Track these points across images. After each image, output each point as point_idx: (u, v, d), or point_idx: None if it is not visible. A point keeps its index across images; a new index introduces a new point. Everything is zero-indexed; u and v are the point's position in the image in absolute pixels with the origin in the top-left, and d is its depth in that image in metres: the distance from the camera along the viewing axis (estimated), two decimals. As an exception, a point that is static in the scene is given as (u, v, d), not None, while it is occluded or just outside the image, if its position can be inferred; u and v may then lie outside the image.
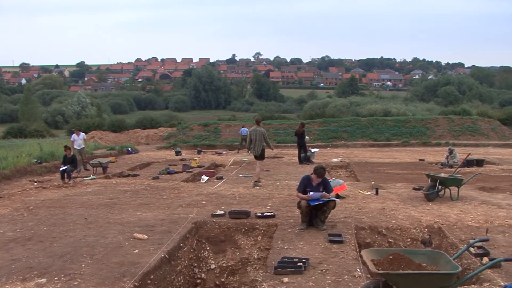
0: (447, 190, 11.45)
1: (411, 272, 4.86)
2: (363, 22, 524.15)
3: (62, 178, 15.18)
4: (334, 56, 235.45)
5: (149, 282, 6.54)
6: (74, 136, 19.01)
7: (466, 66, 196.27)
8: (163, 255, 7.29)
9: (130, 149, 27.24)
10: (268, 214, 9.62)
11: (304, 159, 20.17)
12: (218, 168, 20.10)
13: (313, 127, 34.32)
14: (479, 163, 18.91)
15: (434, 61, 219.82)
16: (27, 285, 6.15)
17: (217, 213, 9.77)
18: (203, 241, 8.89)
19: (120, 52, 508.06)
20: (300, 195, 8.78)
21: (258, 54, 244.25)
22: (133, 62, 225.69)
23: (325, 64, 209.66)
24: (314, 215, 8.79)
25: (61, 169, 15.48)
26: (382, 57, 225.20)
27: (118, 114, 78.47)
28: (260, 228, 9.02)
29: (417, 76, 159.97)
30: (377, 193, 12.26)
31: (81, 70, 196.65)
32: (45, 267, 6.75)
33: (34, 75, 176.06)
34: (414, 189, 12.87)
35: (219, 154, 26.83)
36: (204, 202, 11.38)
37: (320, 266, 6.77)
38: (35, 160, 18.56)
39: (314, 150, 21.89)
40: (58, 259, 7.10)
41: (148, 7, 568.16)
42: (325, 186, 8.77)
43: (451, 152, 19.16)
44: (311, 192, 8.60)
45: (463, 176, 12.80)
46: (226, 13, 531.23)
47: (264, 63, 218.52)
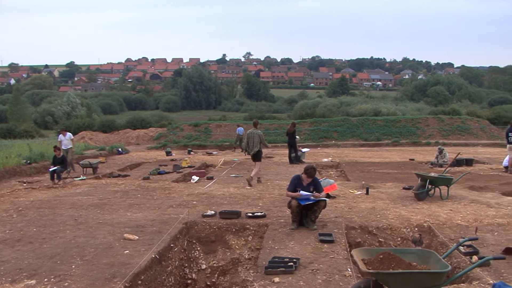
0: (437, 189, 11.50)
1: (401, 271, 4.87)
2: (353, 22, 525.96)
3: (52, 178, 15.11)
4: (325, 56, 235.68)
5: (139, 282, 6.51)
6: (61, 136, 18.92)
7: (455, 66, 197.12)
8: (153, 256, 7.27)
9: (120, 149, 27.14)
10: (259, 214, 9.61)
11: (295, 159, 20.22)
12: (209, 168, 20.09)
13: (303, 127, 34.41)
14: (469, 162, 19.05)
15: (424, 61, 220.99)
16: (16, 286, 6.09)
17: (207, 213, 9.75)
18: (194, 241, 8.87)
19: (110, 52, 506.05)
20: (290, 193, 8.80)
21: (249, 54, 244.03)
22: (123, 62, 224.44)
23: (315, 64, 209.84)
24: (305, 214, 8.80)
25: (50, 169, 15.42)
26: (372, 57, 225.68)
27: (108, 115, 78.11)
28: (251, 228, 9.01)
29: (407, 76, 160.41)
30: (367, 192, 12.29)
31: (71, 70, 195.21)
32: (34, 269, 6.69)
33: (23, 75, 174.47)
34: (404, 188, 12.91)
35: (210, 154, 26.82)
36: (194, 202, 11.36)
37: (311, 265, 6.77)
38: (25, 161, 18.45)
39: (304, 150, 21.96)
40: (48, 260, 7.05)
41: (138, 7, 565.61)
42: (315, 186, 8.79)
43: (441, 151, 19.29)
44: (301, 191, 8.61)
45: (453, 175, 12.87)
46: (217, 13, 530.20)
47: (255, 63, 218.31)
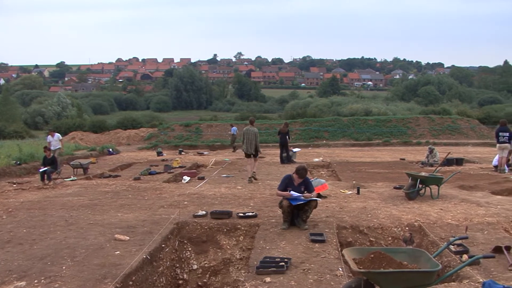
0: (428, 188, 11.56)
1: (392, 270, 4.89)
2: (344, 22, 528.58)
3: (42, 179, 15.02)
4: (315, 56, 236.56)
5: (130, 283, 6.48)
6: (49, 137, 18.88)
7: (445, 66, 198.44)
8: (144, 256, 7.24)
9: (111, 149, 27.05)
10: (250, 214, 9.61)
11: (286, 159, 20.25)
12: (200, 169, 20.07)
13: (294, 127, 34.47)
14: (459, 162, 19.18)
15: (415, 61, 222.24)
16: (6, 288, 6.05)
17: (199, 213, 9.73)
18: (185, 241, 8.85)
19: (100, 52, 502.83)
20: (280, 192, 8.81)
21: (240, 54, 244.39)
22: (114, 62, 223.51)
23: (306, 64, 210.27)
24: (296, 214, 8.80)
25: (41, 170, 15.33)
26: (363, 57, 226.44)
27: (99, 115, 77.72)
28: (242, 228, 9.00)
29: (397, 76, 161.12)
30: (358, 192, 12.33)
31: (61, 70, 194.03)
32: (24, 270, 6.64)
33: (13, 75, 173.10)
34: (395, 188, 12.95)
35: (201, 154, 26.80)
36: (185, 203, 11.33)
37: (302, 265, 6.78)
38: (14, 162, 18.33)
39: (295, 150, 22.02)
40: (38, 262, 7.00)
41: (129, 7, 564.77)
42: (306, 186, 8.80)
43: (431, 151, 19.40)
44: (292, 192, 8.62)
45: (443, 174, 12.95)
46: (208, 13, 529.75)
47: (246, 63, 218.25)
